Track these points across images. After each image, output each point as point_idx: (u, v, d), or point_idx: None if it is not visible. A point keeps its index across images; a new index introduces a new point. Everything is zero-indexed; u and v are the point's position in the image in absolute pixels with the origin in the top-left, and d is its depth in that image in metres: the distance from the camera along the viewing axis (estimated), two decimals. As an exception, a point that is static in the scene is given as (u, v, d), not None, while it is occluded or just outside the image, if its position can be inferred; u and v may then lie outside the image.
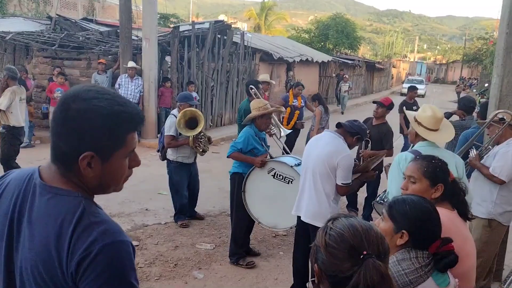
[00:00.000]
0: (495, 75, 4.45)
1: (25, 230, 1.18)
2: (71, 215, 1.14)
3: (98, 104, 1.15)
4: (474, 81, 43.31)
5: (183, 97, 5.59)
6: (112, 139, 1.17)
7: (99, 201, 1.24)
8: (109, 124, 1.16)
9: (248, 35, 15.45)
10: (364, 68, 30.04)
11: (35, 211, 1.18)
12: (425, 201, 1.84)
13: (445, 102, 28.20)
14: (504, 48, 4.31)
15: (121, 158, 1.22)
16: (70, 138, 1.15)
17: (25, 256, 1.17)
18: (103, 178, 1.21)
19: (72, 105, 1.15)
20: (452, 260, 1.72)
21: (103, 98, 1.16)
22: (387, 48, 61.58)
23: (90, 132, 1.14)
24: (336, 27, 31.02)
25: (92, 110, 1.14)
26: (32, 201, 1.19)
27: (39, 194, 1.19)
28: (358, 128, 3.60)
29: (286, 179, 4.32)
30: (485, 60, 27.07)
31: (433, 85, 54.70)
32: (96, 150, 1.16)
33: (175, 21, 25.48)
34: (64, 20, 13.65)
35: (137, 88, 10.28)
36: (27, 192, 1.21)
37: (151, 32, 10.46)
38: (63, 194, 1.17)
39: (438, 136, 3.09)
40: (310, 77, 20.32)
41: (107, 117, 1.15)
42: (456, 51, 75.14)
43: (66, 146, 1.16)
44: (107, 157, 1.18)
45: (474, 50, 37.20)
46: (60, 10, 19.15)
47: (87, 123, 1.14)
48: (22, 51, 11.41)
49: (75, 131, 1.14)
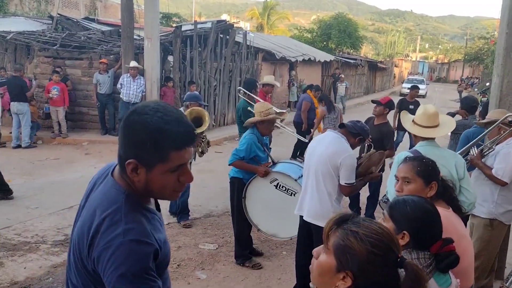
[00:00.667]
0: (496, 74, 4.46)
1: (85, 206, 1.44)
2: (108, 206, 1.32)
3: (146, 119, 1.28)
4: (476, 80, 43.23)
5: (193, 97, 5.56)
6: (154, 152, 1.29)
7: None
8: (151, 139, 1.28)
9: (250, 34, 15.46)
10: (366, 68, 30.05)
11: (92, 194, 1.43)
12: (425, 201, 1.83)
13: (447, 101, 28.20)
14: (504, 48, 4.33)
15: (164, 171, 1.32)
16: (122, 144, 1.33)
17: (76, 227, 1.43)
18: (148, 185, 1.34)
19: (130, 116, 1.32)
20: (454, 260, 1.72)
21: (154, 115, 1.28)
22: (389, 47, 61.51)
23: (135, 143, 1.29)
24: (339, 27, 31.03)
25: (140, 123, 1.28)
26: (98, 187, 1.44)
27: (103, 182, 1.43)
28: (361, 129, 3.59)
29: (289, 191, 4.28)
30: (486, 59, 27.08)
31: (435, 84, 54.67)
32: (139, 159, 1.30)
33: (178, 20, 25.47)
34: (65, 19, 13.66)
35: (139, 88, 10.28)
36: (100, 179, 1.46)
37: (153, 31, 10.45)
38: (113, 187, 1.37)
39: (433, 132, 3.10)
40: (312, 76, 20.29)
41: (151, 133, 1.27)
42: (457, 50, 75.08)
43: (120, 149, 1.34)
44: (150, 167, 1.31)
45: (476, 49, 37.15)
46: (61, 10, 19.17)
47: (133, 134, 1.29)
48: (23, 50, 11.42)
49: (125, 139, 1.32)
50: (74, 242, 1.38)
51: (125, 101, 10.24)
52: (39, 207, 5.95)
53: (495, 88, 4.44)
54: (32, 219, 5.52)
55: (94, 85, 10.57)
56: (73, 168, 8.14)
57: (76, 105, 10.90)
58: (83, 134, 10.86)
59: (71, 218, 5.45)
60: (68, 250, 1.49)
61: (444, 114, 3.59)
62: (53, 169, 8.03)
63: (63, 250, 4.67)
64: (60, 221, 5.49)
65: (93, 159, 8.92)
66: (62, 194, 6.52)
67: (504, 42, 4.32)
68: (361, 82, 29.19)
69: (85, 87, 11.02)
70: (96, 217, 1.32)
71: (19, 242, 4.82)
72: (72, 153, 9.41)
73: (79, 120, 11.17)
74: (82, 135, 10.76)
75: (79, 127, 11.15)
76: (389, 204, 1.84)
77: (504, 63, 4.33)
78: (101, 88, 10.52)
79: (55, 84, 9.95)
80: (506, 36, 4.30)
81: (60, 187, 6.88)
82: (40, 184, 7.04)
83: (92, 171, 7.92)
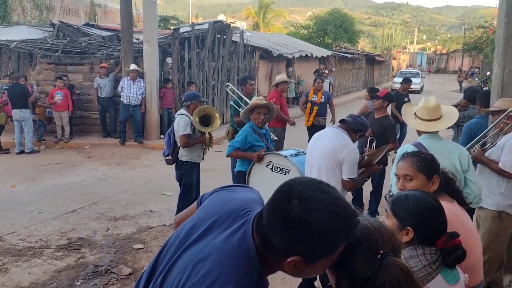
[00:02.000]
0: (496, 64, 4.39)
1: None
2: (234, 279, 1.18)
3: (320, 217, 1.10)
4: (476, 70, 43.05)
5: (193, 96, 5.48)
6: (325, 250, 1.15)
7: (101, 202, 1.30)
8: (325, 240, 1.13)
9: (247, 33, 15.53)
10: (364, 61, 30.03)
11: (209, 235, 1.29)
12: (428, 195, 1.80)
13: (447, 92, 27.99)
14: (503, 38, 4.26)
15: (326, 262, 1.19)
16: (284, 238, 1.14)
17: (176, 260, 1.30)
18: (297, 274, 1.21)
19: (293, 209, 1.12)
20: (460, 255, 1.68)
21: (326, 210, 1.11)
22: (386, 40, 61.39)
23: (306, 242, 1.12)
24: (334, 22, 30.93)
25: (314, 223, 1.10)
26: (218, 229, 1.29)
27: (227, 230, 1.27)
28: (361, 124, 3.59)
29: (283, 170, 4.27)
30: (486, 48, 26.86)
31: (434, 75, 54.44)
32: (305, 256, 1.15)
33: (175, 23, 25.52)
34: (66, 26, 13.77)
35: (139, 90, 10.39)
36: (225, 223, 1.30)
37: (152, 34, 10.56)
38: (245, 256, 1.21)
39: (435, 125, 3.04)
40: (310, 72, 20.30)
41: (326, 234, 1.11)
42: (456, 40, 74.63)
43: (278, 242, 1.15)
44: (313, 261, 1.17)
45: (474, 39, 36.99)
46: (62, 17, 19.26)
47: (305, 233, 1.11)
48: (26, 58, 11.55)
49: (289, 235, 1.13)
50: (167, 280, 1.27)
51: (126, 103, 10.34)
52: (43, 211, 5.94)
53: (496, 77, 4.36)
54: (36, 223, 5.51)
55: (95, 89, 10.69)
56: (76, 172, 8.22)
57: (78, 109, 11.02)
58: (85, 137, 10.98)
59: (74, 222, 5.59)
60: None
61: (447, 105, 3.46)
62: (56, 174, 8.11)
63: (66, 254, 4.67)
64: (64, 225, 5.49)
65: (96, 162, 9.03)
66: (65, 198, 6.56)
67: (504, 31, 4.25)
68: (359, 76, 29.20)
69: (86, 92, 11.13)
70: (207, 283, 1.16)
71: (24, 247, 4.81)
72: (74, 156, 9.51)
73: (81, 124, 11.29)
74: (84, 138, 10.88)
75: (81, 131, 11.27)
76: (392, 200, 1.82)
77: (504, 52, 4.26)
78: (102, 92, 10.63)
79: (59, 89, 10.06)
80: (505, 25, 4.24)
81: (64, 191, 6.93)
82: (44, 189, 7.09)
83: (94, 174, 8.04)
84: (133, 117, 10.47)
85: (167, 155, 5.43)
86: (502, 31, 4.29)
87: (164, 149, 5.49)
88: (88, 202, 6.35)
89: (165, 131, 11.04)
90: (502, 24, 4.29)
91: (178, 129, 5.18)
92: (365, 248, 1.23)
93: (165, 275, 1.29)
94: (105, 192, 6.82)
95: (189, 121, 5.16)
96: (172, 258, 1.30)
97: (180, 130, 5.16)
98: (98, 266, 4.41)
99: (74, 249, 4.80)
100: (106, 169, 8.46)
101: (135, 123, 10.53)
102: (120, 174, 8.15)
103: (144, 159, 9.39)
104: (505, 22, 4.24)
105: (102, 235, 5.20)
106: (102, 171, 8.28)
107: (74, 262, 4.50)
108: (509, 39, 4.23)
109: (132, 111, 10.40)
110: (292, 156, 4.24)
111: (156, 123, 10.93)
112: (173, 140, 5.34)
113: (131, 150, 10.09)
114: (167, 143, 5.41)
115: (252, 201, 1.39)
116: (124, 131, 10.52)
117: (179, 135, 5.18)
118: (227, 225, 1.28)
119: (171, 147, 5.36)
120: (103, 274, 4.25)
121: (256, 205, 1.36)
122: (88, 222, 5.60)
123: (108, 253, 4.72)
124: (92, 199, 6.47)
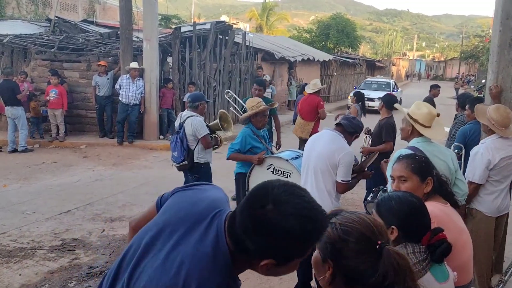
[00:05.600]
0: (490, 71, 4.52)
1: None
2: (210, 280, 1.22)
3: (294, 222, 1.13)
4: (472, 78, 43.47)
5: (201, 96, 5.42)
6: (298, 252, 1.20)
7: (97, 202, 1.11)
8: (299, 243, 1.16)
9: (249, 35, 15.38)
10: (364, 67, 30.19)
11: (183, 237, 1.30)
12: (410, 195, 1.86)
13: (444, 98, 28.13)
14: (498, 45, 4.39)
15: (297, 263, 1.24)
16: (259, 242, 1.16)
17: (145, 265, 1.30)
18: (268, 274, 1.25)
19: (268, 214, 1.13)
20: (446, 248, 1.73)
21: (300, 214, 1.14)
22: (387, 46, 61.85)
23: (280, 246, 1.16)
24: (337, 27, 31.31)
25: (289, 228, 1.13)
26: (193, 231, 1.30)
27: (201, 228, 1.28)
28: (357, 126, 3.65)
29: (285, 173, 4.34)
30: (482, 57, 27.19)
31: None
32: (277, 259, 1.18)
33: (177, 22, 25.37)
34: (63, 22, 13.47)
35: (139, 90, 10.16)
36: (199, 224, 1.31)
37: (152, 33, 10.37)
38: (221, 255, 1.24)
39: (433, 133, 3.13)
40: (311, 76, 20.21)
41: (300, 238, 1.15)
42: (453, 48, 75.60)
43: (252, 246, 1.18)
44: (284, 263, 1.21)
45: (471, 47, 37.39)
46: (59, 12, 18.98)
47: (280, 238, 1.14)
48: (20, 54, 11.24)
49: (264, 240, 1.15)
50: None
51: (124, 103, 10.10)
52: (36, 212, 5.81)
53: (490, 84, 4.50)
54: (28, 224, 5.37)
55: (93, 87, 10.42)
56: (70, 172, 8.00)
57: (74, 108, 10.74)
58: (81, 137, 10.70)
59: (68, 223, 5.41)
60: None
61: None
62: (50, 173, 7.88)
63: (59, 255, 4.56)
64: (57, 226, 5.37)
65: (91, 162, 8.77)
66: (59, 198, 6.40)
67: (498, 39, 4.39)
68: (359, 81, 29.20)
69: (83, 90, 10.86)
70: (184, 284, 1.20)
71: (15, 248, 4.68)
72: (69, 156, 9.26)
73: (77, 123, 11.01)
74: (80, 138, 10.60)
75: (77, 130, 10.99)
76: (376, 201, 1.90)
77: (498, 59, 4.40)
78: (100, 90, 10.36)
79: (54, 87, 9.82)
80: (499, 34, 4.39)
81: (57, 191, 6.75)
82: (37, 189, 6.89)
83: (90, 175, 7.84)
84: (129, 116, 10.23)
85: (182, 161, 5.06)
86: (496, 39, 4.42)
87: (176, 155, 5.10)
88: (83, 202, 6.21)
89: (164, 131, 10.86)
90: (497, 33, 4.42)
91: (199, 131, 4.98)
92: (365, 238, 1.27)
93: (132, 282, 1.28)
94: (101, 193, 6.66)
95: (203, 121, 5.14)
96: (140, 265, 1.29)
97: (202, 131, 5.00)
98: (92, 267, 4.33)
99: (68, 250, 4.72)
100: (103, 170, 8.24)
101: (130, 123, 10.30)
102: (117, 174, 7.94)
103: (142, 160, 9.18)
104: (500, 31, 4.37)
105: (98, 236, 5.11)
106: (98, 172, 8.06)
107: (67, 263, 4.41)
108: (503, 47, 4.36)
109: (129, 110, 10.16)
110: (293, 159, 4.31)
111: (155, 124, 10.70)
112: (186, 144, 5.04)
113: (129, 151, 9.85)
114: (180, 148, 5.04)
115: (220, 201, 1.38)
116: (122, 131, 10.25)
117: (201, 137, 5.00)
118: (197, 229, 1.28)
119: (185, 151, 5.04)
120: (98, 275, 4.16)
121: (224, 205, 1.37)
122: (83, 223, 5.48)
123: (103, 254, 4.63)
124: (87, 199, 6.32)
